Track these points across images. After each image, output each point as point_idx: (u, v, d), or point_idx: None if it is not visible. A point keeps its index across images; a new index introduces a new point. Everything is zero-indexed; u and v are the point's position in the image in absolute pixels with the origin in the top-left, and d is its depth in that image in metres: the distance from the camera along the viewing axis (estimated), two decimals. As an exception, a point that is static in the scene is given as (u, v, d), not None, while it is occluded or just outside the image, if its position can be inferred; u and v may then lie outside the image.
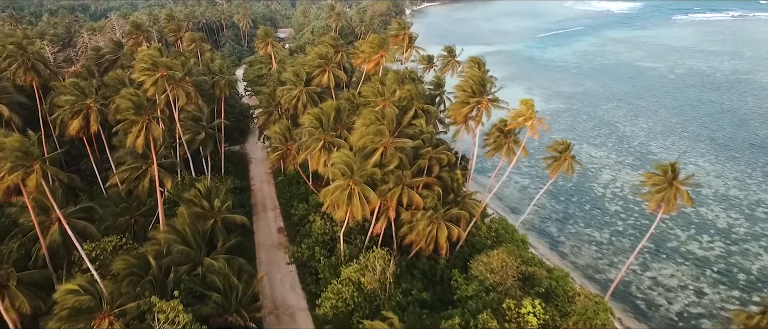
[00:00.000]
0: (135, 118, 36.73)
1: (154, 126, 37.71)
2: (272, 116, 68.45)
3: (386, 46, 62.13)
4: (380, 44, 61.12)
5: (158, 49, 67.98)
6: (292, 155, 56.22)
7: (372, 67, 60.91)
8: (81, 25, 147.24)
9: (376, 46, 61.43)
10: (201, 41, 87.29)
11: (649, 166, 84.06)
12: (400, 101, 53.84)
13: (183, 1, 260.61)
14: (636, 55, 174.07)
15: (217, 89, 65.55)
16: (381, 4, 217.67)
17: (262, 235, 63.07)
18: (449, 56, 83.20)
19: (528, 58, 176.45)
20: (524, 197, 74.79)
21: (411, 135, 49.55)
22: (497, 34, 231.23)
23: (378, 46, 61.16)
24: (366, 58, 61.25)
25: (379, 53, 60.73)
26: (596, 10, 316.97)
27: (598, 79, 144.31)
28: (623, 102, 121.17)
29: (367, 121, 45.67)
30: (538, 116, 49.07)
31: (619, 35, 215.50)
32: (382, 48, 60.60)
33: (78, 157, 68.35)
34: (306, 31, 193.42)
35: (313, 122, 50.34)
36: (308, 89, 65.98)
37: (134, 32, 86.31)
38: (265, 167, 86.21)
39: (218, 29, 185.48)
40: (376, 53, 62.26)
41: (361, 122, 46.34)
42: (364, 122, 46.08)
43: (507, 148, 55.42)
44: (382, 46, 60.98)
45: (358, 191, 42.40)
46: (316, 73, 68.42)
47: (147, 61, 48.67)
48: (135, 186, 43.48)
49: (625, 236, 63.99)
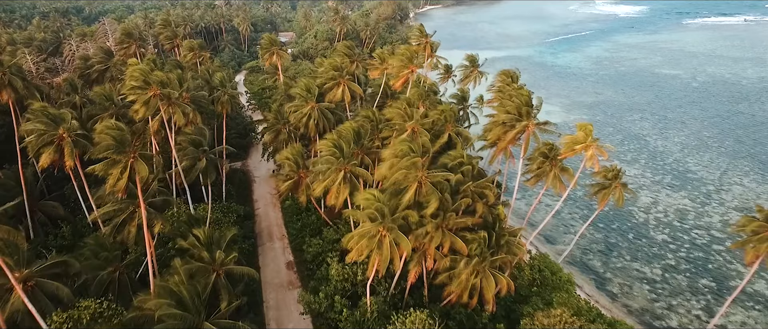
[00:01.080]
0: (116, 157, 29.40)
1: (139, 166, 30.26)
2: (280, 135, 60.95)
3: (417, 59, 54.18)
4: (411, 58, 53.06)
5: (152, 60, 60.75)
6: (305, 185, 48.65)
7: (400, 84, 53.01)
8: (73, 29, 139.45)
9: (406, 60, 53.44)
10: (200, 50, 79.26)
11: (690, 186, 76.98)
12: (431, 123, 46.34)
13: (181, 3, 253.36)
14: (653, 61, 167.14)
15: (219, 106, 58.10)
16: (386, 7, 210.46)
17: (269, 272, 55.57)
18: (471, 66, 76.02)
19: (540, 64, 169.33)
20: (559, 224, 67.37)
21: (448, 166, 42.10)
22: (505, 39, 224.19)
23: (408, 60, 53.08)
24: (394, 73, 53.27)
25: (409, 68, 52.79)
26: (604, 14, 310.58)
27: (617, 87, 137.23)
28: (648, 113, 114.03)
29: (399, 152, 38.21)
30: (598, 143, 41.73)
31: (632, 40, 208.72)
32: (413, 62, 52.52)
33: (63, 179, 60.76)
34: (308, 35, 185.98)
35: (330, 149, 42.80)
36: (321, 105, 58.51)
37: (126, 41, 78.29)
38: (269, 187, 78.74)
39: (217, 33, 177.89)
40: (405, 68, 54.26)
41: (391, 152, 38.91)
42: (394, 153, 38.63)
43: (553, 176, 48.11)
44: (412, 59, 52.93)
45: (390, 239, 35.00)
46: (330, 87, 60.98)
47: (137, 78, 41.16)
48: (120, 230, 35.93)
49: (680, 273, 56.58)
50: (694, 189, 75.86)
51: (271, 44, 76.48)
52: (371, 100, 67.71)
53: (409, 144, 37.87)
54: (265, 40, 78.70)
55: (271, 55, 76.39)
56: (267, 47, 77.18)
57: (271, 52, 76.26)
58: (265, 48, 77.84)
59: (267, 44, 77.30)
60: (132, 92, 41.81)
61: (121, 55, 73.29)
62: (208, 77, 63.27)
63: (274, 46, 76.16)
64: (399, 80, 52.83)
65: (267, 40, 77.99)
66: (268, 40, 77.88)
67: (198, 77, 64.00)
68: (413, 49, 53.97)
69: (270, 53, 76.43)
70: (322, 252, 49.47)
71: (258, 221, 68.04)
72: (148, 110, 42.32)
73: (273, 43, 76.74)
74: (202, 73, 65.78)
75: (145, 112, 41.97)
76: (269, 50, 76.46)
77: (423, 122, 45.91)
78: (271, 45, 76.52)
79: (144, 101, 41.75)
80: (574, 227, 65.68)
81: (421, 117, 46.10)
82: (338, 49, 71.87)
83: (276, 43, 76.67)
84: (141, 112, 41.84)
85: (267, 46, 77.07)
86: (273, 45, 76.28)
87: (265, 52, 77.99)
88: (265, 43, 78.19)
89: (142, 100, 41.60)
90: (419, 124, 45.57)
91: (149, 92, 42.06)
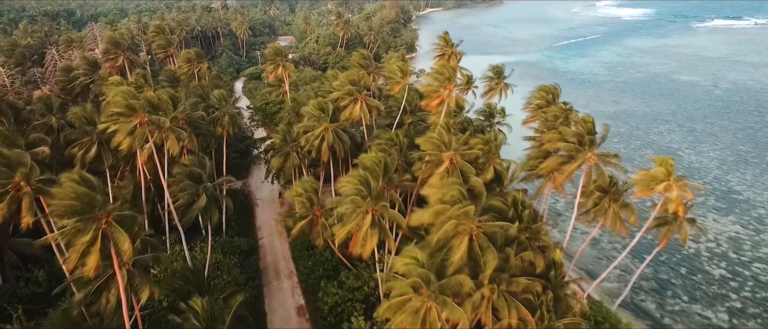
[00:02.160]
0: (81, 226, 21.87)
1: (116, 233, 22.83)
2: (289, 159, 53.46)
3: (454, 77, 46.13)
4: (449, 77, 45.05)
5: (142, 75, 53.09)
6: (321, 225, 41.15)
7: (435, 106, 45.15)
8: (60, 34, 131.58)
9: (444, 78, 45.41)
10: (198, 60, 71.16)
11: (738, 209, 69.91)
12: (470, 154, 38.91)
13: (176, 4, 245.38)
14: (669, 66, 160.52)
15: (219, 127, 50.61)
16: (389, 10, 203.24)
17: (277, 318, 48.12)
18: (496, 78, 68.71)
19: (551, 70, 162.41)
20: (600, 256, 60.12)
21: (496, 209, 34.66)
22: (512, 43, 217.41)
23: (446, 79, 45.11)
24: (430, 94, 45.33)
25: (446, 88, 44.85)
26: (608, 17, 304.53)
27: (636, 95, 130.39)
28: (674, 124, 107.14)
29: (448, 197, 30.79)
30: (682, 181, 34.44)
31: (642, 44, 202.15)
32: (451, 80, 44.52)
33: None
34: (309, 39, 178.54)
35: (357, 187, 35.33)
36: (336, 125, 51.09)
37: (112, 51, 70.07)
38: (273, 212, 71.28)
39: (214, 38, 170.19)
40: (442, 87, 46.19)
41: (437, 197, 31.50)
42: (440, 197, 31.24)
43: (612, 215, 40.84)
44: (451, 78, 44.90)
45: (436, 311, 27.67)
46: (346, 104, 53.55)
47: (119, 103, 33.61)
48: (95, 298, 28.39)
49: (749, 317, 49.39)
50: (743, 213, 68.79)
51: (276, 55, 68.39)
52: (388, 116, 60.25)
53: (459, 187, 30.47)
54: (270, 51, 70.55)
55: (275, 67, 68.28)
56: (272, 59, 69.11)
57: (275, 65, 68.23)
58: (270, 60, 69.75)
59: (271, 55, 69.16)
60: (113, 121, 34.33)
61: (107, 68, 65.49)
62: (204, 93, 55.67)
63: (279, 58, 68.20)
64: (433, 101, 45.04)
65: (271, 51, 69.93)
66: (273, 51, 69.80)
67: (192, 94, 56.40)
68: (452, 67, 45.70)
69: (275, 65, 68.36)
70: (342, 303, 42.05)
71: (262, 253, 60.53)
72: (135, 141, 34.95)
73: (278, 53, 68.60)
74: (196, 88, 58.16)
75: (130, 144, 34.61)
76: (274, 62, 68.41)
77: (464, 152, 38.49)
78: (276, 56, 68.49)
79: (128, 131, 34.34)
80: (613, 256, 58.44)
81: (460, 145, 38.66)
82: (354, 60, 64.33)
83: (281, 54, 68.71)
84: (125, 144, 34.52)
85: (272, 58, 68.93)
86: (278, 56, 68.27)
87: (270, 65, 69.85)
88: (270, 54, 70.03)
89: (126, 130, 34.21)
90: (459, 155, 38.14)
91: (135, 119, 34.61)
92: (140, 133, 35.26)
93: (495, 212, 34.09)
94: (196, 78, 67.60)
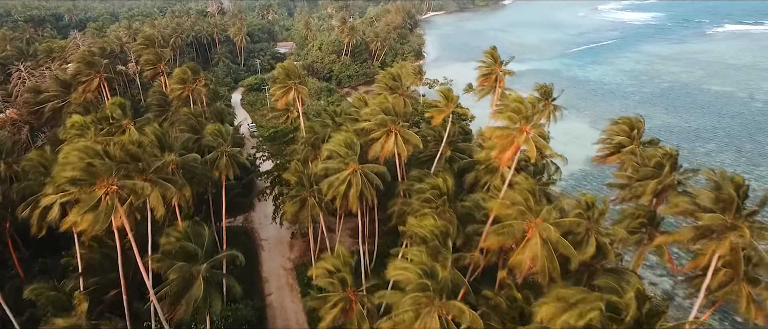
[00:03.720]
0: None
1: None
2: (306, 207, 42.81)
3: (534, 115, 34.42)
4: (528, 116, 32.98)
5: (120, 105, 42.30)
6: (358, 313, 30.50)
7: (508, 159, 33.47)
8: (42, 42, 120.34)
9: (520, 117, 33.47)
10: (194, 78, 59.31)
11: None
12: (566, 225, 28.33)
13: (170, 8, 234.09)
14: (696, 76, 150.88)
15: (216, 170, 40.00)
16: (395, 15, 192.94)
17: None
18: (544, 99, 58.38)
19: (571, 79, 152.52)
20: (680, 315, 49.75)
21: (612, 307, 24.12)
22: (522, 49, 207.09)
23: (524, 119, 33.16)
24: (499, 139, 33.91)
25: (523, 131, 33.20)
26: (617, 21, 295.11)
27: (668, 108, 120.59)
28: (719, 142, 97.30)
29: (569, 300, 20.33)
30: None
31: (661, 51, 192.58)
32: (530, 120, 32.66)
33: None
34: (312, 46, 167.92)
35: (418, 279, 24.76)
36: (366, 167, 40.52)
37: (85, 72, 57.75)
38: (282, 257, 60.83)
39: (210, 45, 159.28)
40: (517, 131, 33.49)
41: (556, 305, 21.01)
42: (560, 302, 20.75)
43: (746, 300, 30.53)
44: (530, 117, 32.78)
45: None
46: (377, 137, 42.99)
47: (76, 166, 22.90)
48: None
49: None
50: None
51: (288, 77, 56.59)
52: (425, 151, 49.65)
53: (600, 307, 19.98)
54: (280, 72, 57.38)
55: (286, 91, 56.38)
56: (282, 82, 56.65)
57: (287, 88, 56.63)
58: (280, 82, 56.86)
59: (282, 77, 56.55)
60: (66, 192, 23.70)
61: (80, 92, 54.39)
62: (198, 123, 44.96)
63: (291, 80, 56.36)
64: (506, 152, 33.29)
65: (282, 72, 57.00)
66: (284, 72, 56.85)
67: (185, 124, 45.70)
68: (533, 102, 33.86)
69: (286, 89, 56.69)
70: None
71: (270, 314, 50.02)
72: (99, 220, 24.38)
73: (290, 74, 56.22)
74: (189, 117, 47.32)
75: (92, 224, 24.09)
76: (285, 86, 56.70)
77: (556, 221, 27.94)
78: (287, 78, 56.36)
79: (89, 207, 23.74)
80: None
81: (551, 212, 28.07)
82: (381, 80, 53.56)
83: (294, 74, 56.96)
84: (85, 224, 23.97)
85: (282, 81, 56.57)
86: (290, 78, 56.68)
87: (280, 89, 56.84)
88: (280, 75, 57.12)
89: (85, 207, 23.59)
90: (551, 225, 27.59)
91: (98, 188, 24.03)
92: (106, 208, 24.70)
93: (612, 311, 23.70)
94: (190, 101, 56.37)
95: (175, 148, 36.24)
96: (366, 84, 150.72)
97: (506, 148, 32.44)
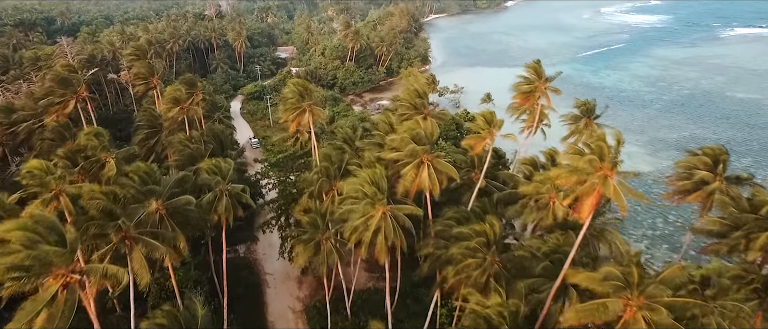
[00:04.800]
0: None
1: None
2: (322, 252, 35.84)
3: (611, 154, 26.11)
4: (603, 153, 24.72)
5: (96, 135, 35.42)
6: None
7: (590, 209, 26.21)
8: (29, 48, 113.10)
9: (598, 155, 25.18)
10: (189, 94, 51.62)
11: None
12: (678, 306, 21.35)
13: (166, 11, 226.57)
14: (716, 82, 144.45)
15: (215, 214, 33.03)
16: (400, 18, 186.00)
17: None
18: (584, 116, 51.58)
19: (586, 85, 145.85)
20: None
21: None
22: (531, 53, 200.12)
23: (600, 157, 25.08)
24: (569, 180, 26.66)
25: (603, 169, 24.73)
26: (624, 24, 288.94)
27: (692, 117, 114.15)
28: (757, 155, 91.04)
29: None
30: None
31: (674, 55, 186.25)
32: (605, 158, 24.62)
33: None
34: (314, 51, 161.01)
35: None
36: (394, 209, 33.59)
37: (58, 92, 49.34)
38: (290, 297, 53.96)
39: (207, 50, 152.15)
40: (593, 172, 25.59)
41: None
42: None
43: None
44: (606, 155, 24.70)
45: None
46: (406, 170, 36.05)
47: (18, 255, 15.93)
48: None
49: None
50: None
51: (301, 96, 47.42)
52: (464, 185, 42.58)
53: None
54: (291, 92, 48.15)
55: (300, 114, 47.81)
56: (294, 102, 47.76)
57: (300, 111, 47.65)
58: (291, 103, 48.00)
59: (293, 96, 47.73)
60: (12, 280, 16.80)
61: (52, 116, 46.84)
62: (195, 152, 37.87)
63: (305, 101, 47.53)
64: (586, 205, 25.70)
65: (293, 92, 47.99)
66: (297, 90, 47.90)
67: (179, 153, 38.67)
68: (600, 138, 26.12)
69: (299, 112, 47.80)
70: None
71: (279, 372, 43.05)
72: (56, 319, 17.43)
73: (304, 93, 47.57)
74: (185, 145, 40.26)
75: (50, 323, 17.22)
76: (298, 108, 47.62)
77: (667, 300, 21.00)
78: (300, 99, 47.79)
79: (42, 306, 16.87)
80: None
81: (659, 290, 21.12)
82: (405, 98, 46.29)
83: (309, 94, 48.05)
84: (40, 323, 17.14)
85: (294, 101, 47.89)
86: (305, 98, 47.58)
87: (291, 111, 48.14)
88: (292, 94, 47.75)
89: (39, 304, 16.72)
90: (661, 305, 20.64)
91: (52, 280, 17.00)
92: (67, 303, 17.65)
93: None
94: (185, 126, 48.66)
95: (164, 189, 29.38)
96: (371, 91, 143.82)
97: (585, 198, 25.35)
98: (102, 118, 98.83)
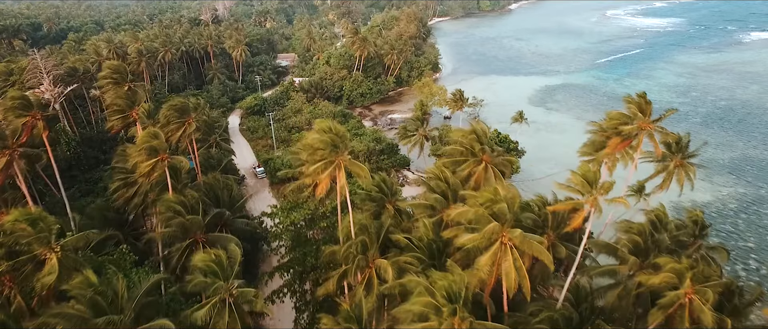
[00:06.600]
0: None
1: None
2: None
3: None
4: None
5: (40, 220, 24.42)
6: None
7: None
8: (4, 58, 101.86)
9: None
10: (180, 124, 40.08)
11: None
12: None
13: (159, 19, 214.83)
14: (753, 91, 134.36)
15: None
16: (408, 24, 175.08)
17: None
18: (676, 154, 40.70)
19: (611, 96, 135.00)
20: None
21: None
22: (545, 59, 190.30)
23: None
24: None
25: None
26: (635, 27, 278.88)
27: (739, 133, 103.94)
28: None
29: None
30: None
31: (698, 61, 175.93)
32: None
33: None
34: (318, 61, 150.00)
35: None
36: (480, 326, 22.51)
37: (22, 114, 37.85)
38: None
39: (203, 59, 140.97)
40: None
41: None
42: None
43: None
44: None
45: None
46: (485, 258, 25.01)
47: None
48: None
49: None
50: None
51: (335, 146, 32.63)
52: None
53: None
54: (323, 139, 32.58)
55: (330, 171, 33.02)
56: (325, 155, 32.39)
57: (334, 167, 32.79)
58: (322, 153, 32.37)
59: (325, 148, 32.37)
60: None
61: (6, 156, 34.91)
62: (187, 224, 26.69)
63: (339, 155, 32.85)
64: None
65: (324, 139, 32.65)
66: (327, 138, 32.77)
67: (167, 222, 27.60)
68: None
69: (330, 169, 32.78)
70: None
71: None
72: None
73: (336, 143, 32.68)
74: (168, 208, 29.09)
75: None
76: (328, 163, 32.43)
77: None
78: (331, 149, 32.49)
79: None
80: None
81: None
82: (457, 144, 34.73)
83: (343, 142, 33.27)
84: None
85: (325, 151, 32.39)
86: (339, 148, 32.83)
87: (321, 166, 32.35)
88: (322, 145, 32.32)
89: None
90: None
91: None
92: None
93: None
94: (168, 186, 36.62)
95: (126, 315, 18.52)
96: (381, 103, 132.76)
97: None
98: (84, 138, 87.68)
